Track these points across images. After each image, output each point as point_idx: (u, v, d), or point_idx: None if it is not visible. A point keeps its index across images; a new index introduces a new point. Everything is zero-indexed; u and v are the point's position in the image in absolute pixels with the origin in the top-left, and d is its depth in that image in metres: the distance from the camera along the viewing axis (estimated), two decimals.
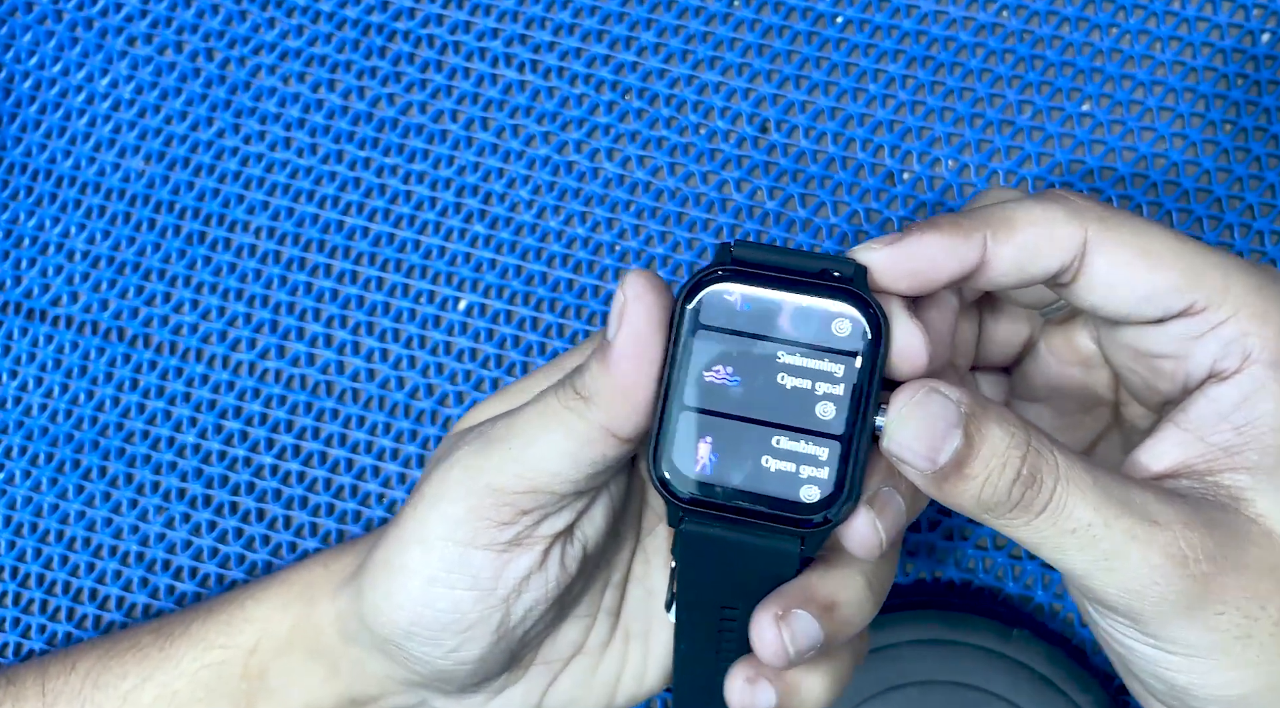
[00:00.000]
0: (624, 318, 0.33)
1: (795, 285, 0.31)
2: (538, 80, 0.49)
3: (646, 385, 0.33)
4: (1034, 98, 0.48)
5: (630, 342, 0.33)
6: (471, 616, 0.36)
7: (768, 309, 0.31)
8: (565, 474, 0.34)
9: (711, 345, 0.32)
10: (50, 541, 0.48)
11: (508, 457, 0.35)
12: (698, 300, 0.31)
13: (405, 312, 0.49)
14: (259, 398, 0.48)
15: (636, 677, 0.40)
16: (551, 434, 0.34)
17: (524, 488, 0.35)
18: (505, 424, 0.35)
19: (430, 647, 0.37)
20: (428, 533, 0.36)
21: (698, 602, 0.35)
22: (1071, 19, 0.48)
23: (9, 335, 0.49)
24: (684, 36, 0.49)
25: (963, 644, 0.43)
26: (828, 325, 0.31)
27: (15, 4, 0.51)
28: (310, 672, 0.40)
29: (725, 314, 0.32)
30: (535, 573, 0.36)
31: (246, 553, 0.48)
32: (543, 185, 0.49)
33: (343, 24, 0.50)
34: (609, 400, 0.33)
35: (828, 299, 0.31)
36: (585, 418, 0.34)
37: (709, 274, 0.32)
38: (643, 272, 0.33)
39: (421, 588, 0.36)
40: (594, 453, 0.34)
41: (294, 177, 0.49)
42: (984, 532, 0.46)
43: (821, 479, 0.32)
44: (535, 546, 0.36)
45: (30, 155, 0.50)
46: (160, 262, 0.49)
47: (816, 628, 0.34)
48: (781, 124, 0.48)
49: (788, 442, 0.32)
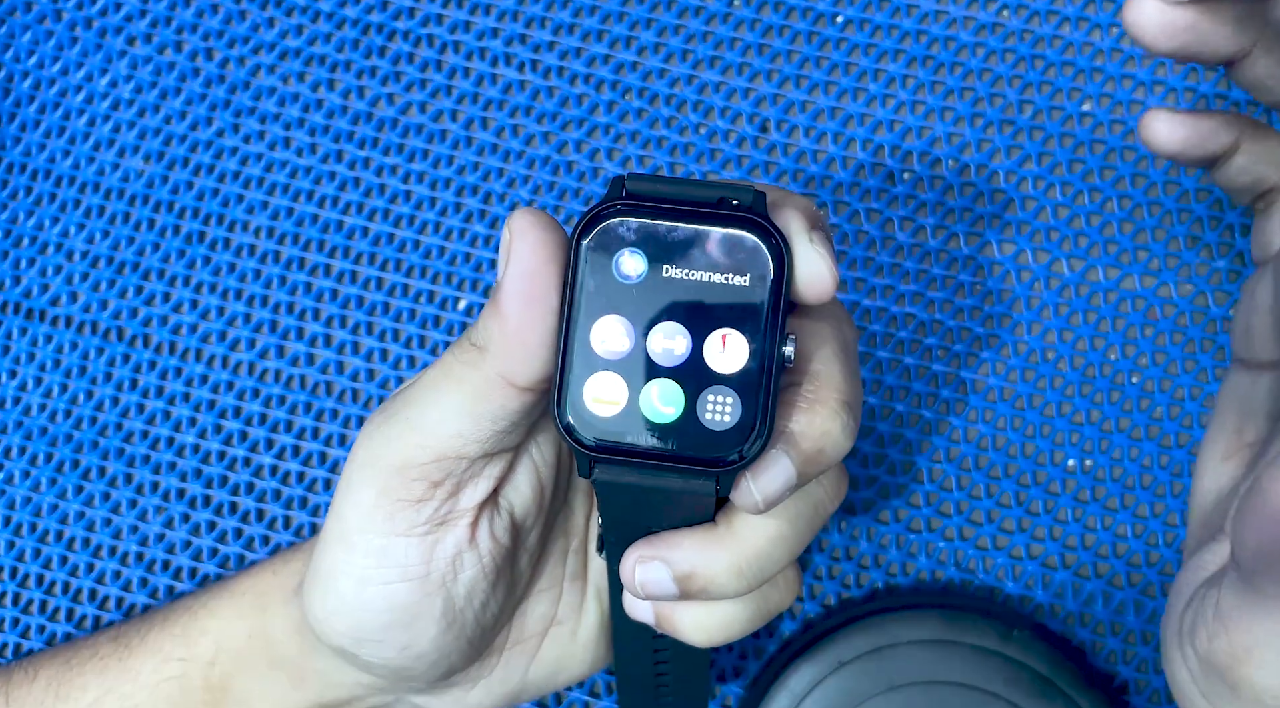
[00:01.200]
0: (511, 256, 0.31)
1: (693, 216, 0.30)
2: (538, 80, 0.49)
3: (539, 327, 0.31)
4: (1034, 97, 0.48)
5: (518, 280, 0.31)
6: (412, 608, 0.35)
7: (666, 242, 0.30)
8: (467, 433, 0.33)
9: (610, 282, 0.30)
10: (49, 541, 0.48)
11: (406, 427, 0.33)
12: (593, 236, 0.30)
13: (405, 312, 0.49)
14: (258, 398, 0.48)
15: None
16: (447, 394, 0.32)
17: (428, 458, 0.33)
18: (404, 395, 0.34)
19: (381, 648, 0.36)
20: (346, 529, 0.34)
21: (623, 542, 0.34)
22: (1072, 19, 0.48)
23: (8, 335, 0.49)
24: (684, 36, 0.49)
25: (963, 644, 0.43)
26: (729, 255, 0.30)
27: (14, 4, 0.51)
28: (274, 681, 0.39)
29: (623, 249, 0.30)
30: (466, 551, 0.35)
31: (246, 553, 0.48)
32: (543, 185, 0.49)
33: (342, 24, 0.50)
34: (502, 346, 0.31)
35: (727, 228, 0.30)
36: (480, 369, 0.32)
37: (604, 208, 0.30)
38: (528, 209, 0.31)
39: (353, 590, 0.35)
40: (492, 406, 0.32)
41: (293, 176, 0.49)
42: (984, 531, 0.46)
43: (731, 413, 0.31)
44: (459, 520, 0.34)
45: (29, 155, 0.50)
46: (159, 261, 0.49)
47: (670, 585, 0.34)
48: (781, 124, 0.48)
49: None
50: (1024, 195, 0.47)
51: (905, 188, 0.48)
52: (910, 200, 0.48)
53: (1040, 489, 0.46)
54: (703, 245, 0.30)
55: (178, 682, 0.40)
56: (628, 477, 0.31)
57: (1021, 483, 0.46)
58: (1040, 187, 0.47)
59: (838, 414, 0.33)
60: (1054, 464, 0.46)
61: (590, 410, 0.31)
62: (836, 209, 0.48)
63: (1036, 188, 0.47)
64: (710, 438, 0.31)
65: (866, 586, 0.46)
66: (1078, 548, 0.46)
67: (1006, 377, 0.47)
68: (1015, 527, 0.46)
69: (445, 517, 0.34)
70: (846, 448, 0.33)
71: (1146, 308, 0.46)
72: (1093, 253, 0.47)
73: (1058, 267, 0.47)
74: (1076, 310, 0.46)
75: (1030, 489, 0.46)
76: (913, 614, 0.44)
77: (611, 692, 0.47)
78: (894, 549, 0.46)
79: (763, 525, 0.34)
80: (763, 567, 0.35)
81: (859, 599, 0.46)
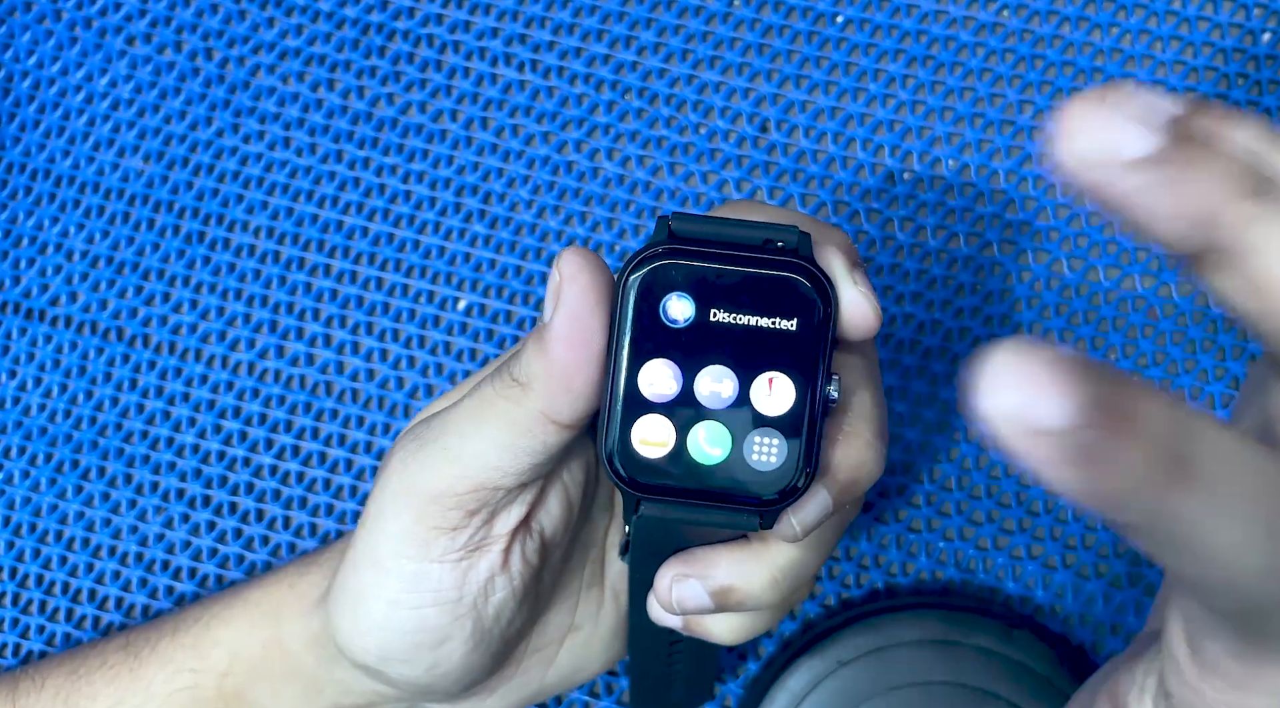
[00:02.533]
0: (560, 299, 0.31)
1: (739, 260, 0.30)
2: (538, 80, 0.49)
3: (586, 368, 0.31)
4: (1034, 98, 0.48)
5: (567, 323, 0.31)
6: (442, 630, 0.35)
7: (713, 285, 0.30)
8: (506, 467, 0.33)
9: (657, 325, 0.31)
10: (49, 541, 0.48)
11: (444, 458, 0.33)
12: (639, 280, 0.30)
13: (405, 312, 0.49)
14: (258, 398, 0.48)
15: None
16: (488, 427, 0.33)
17: (465, 488, 0.33)
18: (439, 423, 0.34)
19: (407, 667, 0.36)
20: (379, 554, 0.35)
21: (650, 559, 0.35)
22: (1072, 19, 0.48)
23: (8, 335, 0.49)
24: (684, 36, 0.49)
25: (963, 644, 0.43)
26: (775, 299, 0.30)
27: (14, 4, 0.51)
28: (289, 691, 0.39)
29: (669, 293, 0.31)
30: (499, 575, 0.35)
31: (246, 553, 0.48)
32: (543, 185, 0.49)
33: (342, 23, 0.50)
34: (547, 385, 0.31)
35: (774, 272, 0.30)
36: (523, 405, 0.32)
37: (650, 252, 0.31)
38: (578, 249, 0.31)
39: (384, 613, 0.35)
40: (534, 442, 0.32)
41: (293, 176, 0.49)
42: (984, 532, 0.46)
43: (777, 454, 0.31)
44: (493, 546, 0.35)
45: (29, 155, 0.50)
46: (159, 261, 0.49)
47: (706, 600, 0.34)
48: (781, 124, 0.48)
49: None
50: (1024, 195, 0.47)
51: (905, 188, 0.48)
52: (910, 200, 0.48)
53: (1040, 489, 0.46)
54: (749, 289, 0.30)
55: (190, 692, 0.40)
56: (672, 513, 0.32)
57: (1022, 483, 0.46)
58: (1040, 187, 0.47)
59: (872, 445, 0.33)
60: None
61: (637, 451, 0.31)
62: (836, 209, 0.48)
63: (1036, 188, 0.47)
64: (756, 478, 0.31)
65: (866, 586, 0.46)
66: (1078, 548, 0.46)
67: None
68: (1015, 527, 0.46)
69: (479, 544, 0.34)
70: (878, 476, 0.34)
71: (1146, 308, 0.46)
72: (1093, 253, 0.47)
73: (1058, 267, 0.47)
74: (1077, 311, 0.46)
75: (1030, 489, 0.46)
76: (913, 614, 0.44)
77: (611, 692, 0.47)
78: (894, 549, 0.46)
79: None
80: (797, 576, 0.35)
81: (859, 599, 0.46)
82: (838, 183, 0.48)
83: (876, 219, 0.48)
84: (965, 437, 0.46)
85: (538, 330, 0.32)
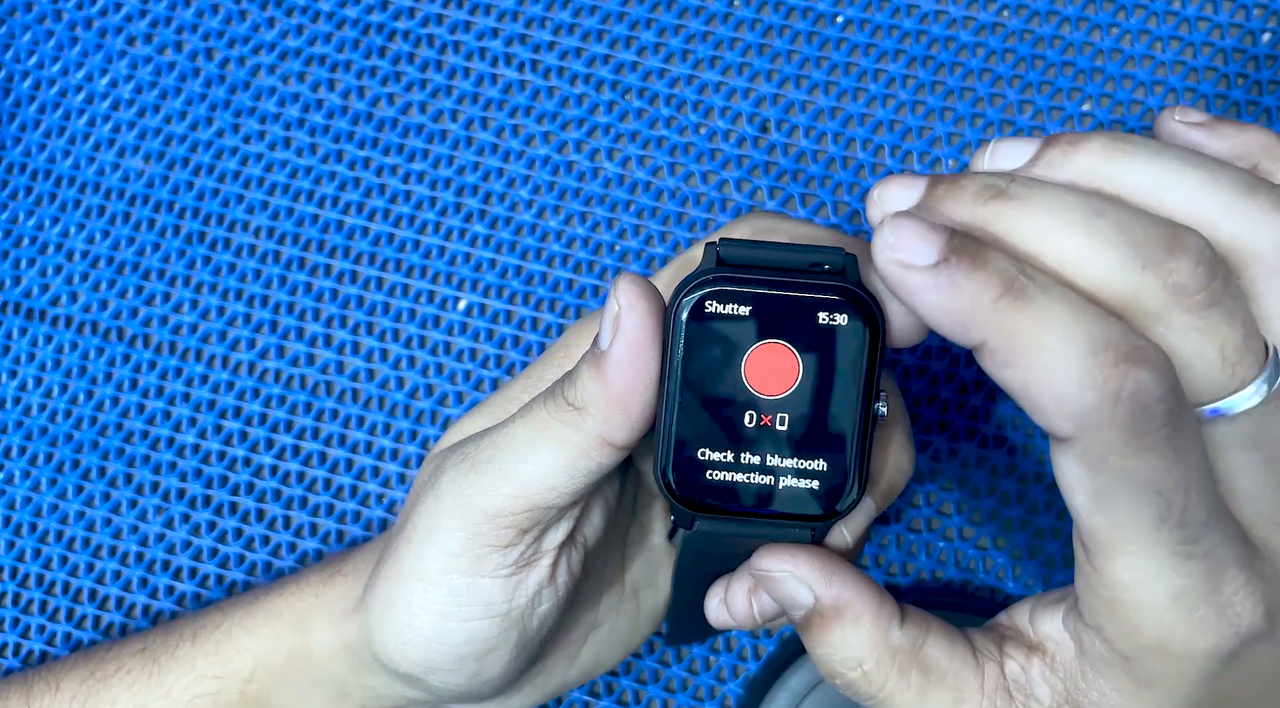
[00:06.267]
0: (619, 328, 0.32)
1: (788, 285, 0.31)
2: (538, 80, 0.49)
3: (643, 394, 0.32)
4: (1034, 98, 0.48)
5: (626, 350, 0.32)
6: (490, 642, 0.36)
7: (762, 310, 0.31)
8: (561, 487, 0.34)
9: (708, 351, 0.31)
10: (49, 541, 0.48)
11: (500, 478, 0.34)
12: (691, 307, 0.31)
13: (405, 312, 0.49)
14: (258, 398, 0.48)
15: (651, 616, 0.41)
16: (544, 448, 0.34)
17: (521, 508, 0.34)
18: (491, 443, 0.35)
19: (452, 676, 0.37)
20: (428, 569, 0.35)
21: (702, 560, 0.36)
22: (1072, 19, 0.48)
23: (8, 335, 0.49)
24: (684, 36, 0.49)
25: None
26: (825, 322, 0.31)
27: (15, 4, 0.51)
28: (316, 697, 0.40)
29: (719, 317, 0.31)
30: (546, 587, 0.36)
31: (246, 553, 0.48)
32: (543, 185, 0.49)
33: (342, 24, 0.50)
34: (605, 410, 0.32)
35: (820, 295, 0.31)
36: (580, 429, 0.33)
37: (701, 279, 0.31)
38: (635, 277, 0.32)
39: (433, 626, 0.36)
40: (590, 464, 0.33)
41: (293, 176, 0.49)
42: (984, 532, 0.46)
43: (830, 472, 0.32)
44: (542, 560, 0.35)
45: (29, 155, 0.50)
46: (160, 261, 0.49)
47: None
48: (781, 124, 0.48)
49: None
50: None
51: None
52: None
53: (1040, 489, 0.46)
54: (799, 313, 0.31)
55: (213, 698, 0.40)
56: (726, 530, 0.33)
57: (1021, 483, 0.46)
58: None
59: (905, 447, 0.35)
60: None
61: (692, 471, 0.32)
62: (837, 209, 0.48)
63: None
64: (809, 495, 0.32)
65: None
66: None
67: None
68: (1015, 527, 0.46)
69: (530, 559, 0.35)
70: (912, 472, 0.36)
71: None
72: None
73: None
74: None
75: (1030, 489, 0.46)
76: None
77: (612, 692, 0.47)
78: (894, 549, 0.46)
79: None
80: (858, 548, 0.37)
81: None
82: (838, 183, 0.48)
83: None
84: (965, 437, 0.46)
85: (595, 358, 0.32)
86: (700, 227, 0.48)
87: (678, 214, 0.48)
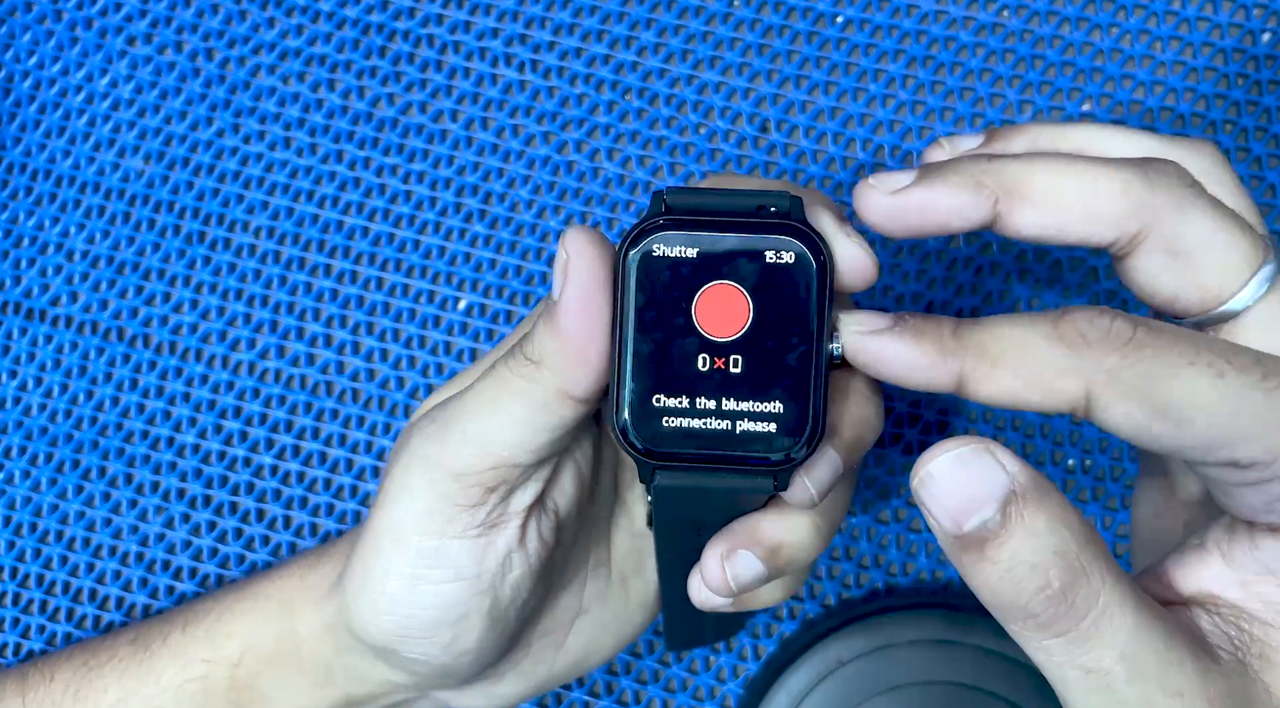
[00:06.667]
0: (568, 275, 0.32)
1: (734, 226, 0.31)
2: (538, 80, 0.49)
3: (598, 342, 0.32)
4: (1034, 98, 0.48)
5: (576, 299, 0.32)
6: (461, 607, 0.36)
7: (710, 253, 0.31)
8: (525, 443, 0.34)
9: (658, 295, 0.31)
10: (49, 541, 0.48)
11: (463, 438, 0.34)
12: (639, 250, 0.31)
13: (405, 312, 0.49)
14: (259, 398, 0.48)
15: (642, 605, 0.41)
16: (505, 405, 0.34)
17: (485, 466, 0.34)
18: (456, 404, 0.35)
19: (426, 645, 0.36)
20: (400, 533, 0.35)
21: (674, 529, 0.36)
22: (1071, 19, 0.48)
23: (8, 335, 0.49)
24: (684, 36, 0.49)
25: (963, 644, 0.43)
26: (773, 262, 0.31)
27: (15, 4, 0.51)
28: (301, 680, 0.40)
29: (668, 262, 0.31)
30: (515, 551, 0.36)
31: (246, 553, 0.48)
32: (543, 185, 0.49)
33: (342, 24, 0.50)
34: (561, 361, 0.32)
35: (766, 235, 0.31)
36: (538, 382, 0.33)
37: (648, 224, 0.31)
38: (582, 227, 0.32)
39: (405, 590, 0.36)
40: (551, 418, 0.33)
41: (294, 176, 0.49)
42: None
43: (784, 413, 0.32)
44: (510, 523, 0.35)
45: (29, 155, 0.50)
46: (160, 261, 0.49)
47: (760, 566, 0.35)
48: (781, 124, 0.48)
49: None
50: None
51: None
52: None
53: None
54: (747, 254, 0.31)
55: (201, 683, 0.40)
56: (687, 480, 0.32)
57: None
58: None
59: (871, 400, 0.35)
60: (1054, 464, 0.46)
61: (647, 421, 0.32)
62: None
63: None
64: (766, 440, 0.32)
65: (866, 586, 0.46)
66: None
67: None
68: None
69: (497, 520, 0.35)
70: (880, 430, 0.35)
71: (1145, 309, 0.46)
72: (1093, 253, 0.47)
73: (1058, 268, 0.47)
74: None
75: None
76: (913, 614, 0.44)
77: (612, 692, 0.47)
78: (894, 549, 0.46)
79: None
80: (833, 518, 0.36)
81: (859, 599, 0.46)
82: (838, 183, 0.48)
83: None
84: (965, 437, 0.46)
85: (548, 309, 0.32)
86: None
87: None
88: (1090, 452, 0.46)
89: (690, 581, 0.36)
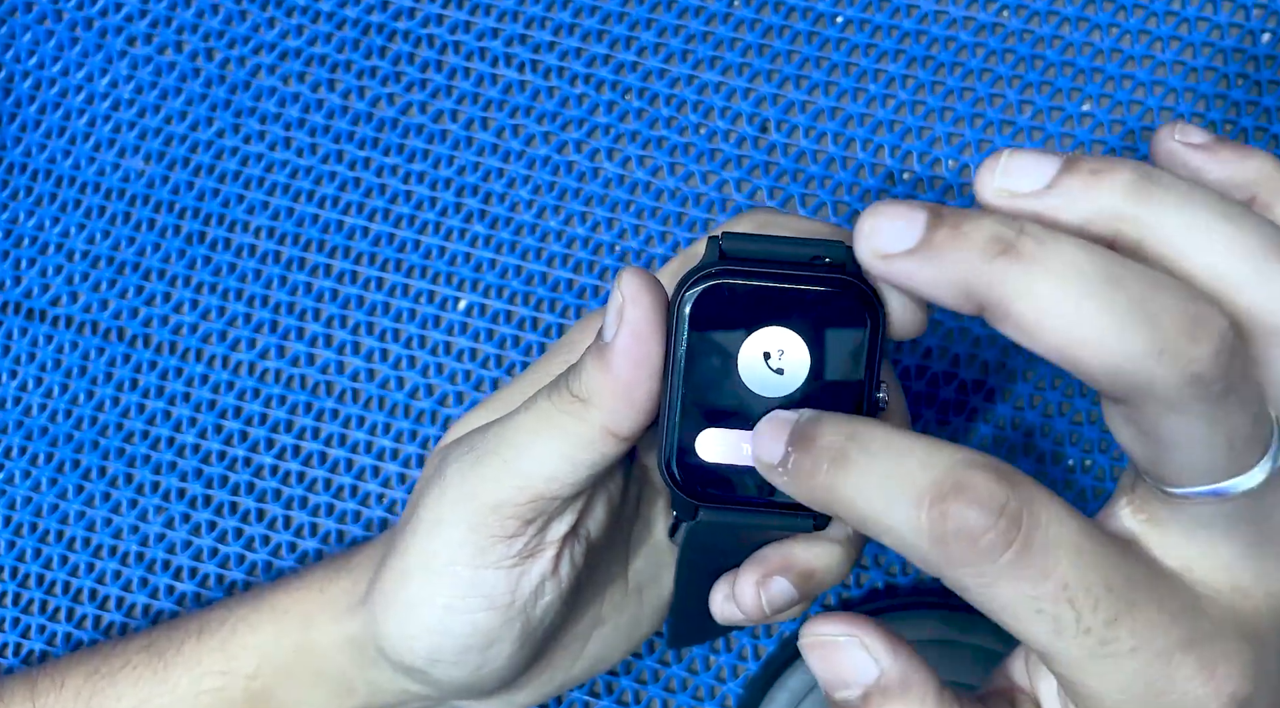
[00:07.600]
0: (623, 318, 0.32)
1: (789, 277, 0.32)
2: (538, 80, 0.49)
3: (646, 384, 0.32)
4: (1034, 98, 0.48)
5: (630, 341, 0.32)
6: (493, 633, 0.36)
7: (764, 302, 0.32)
8: (565, 478, 0.34)
9: (711, 342, 0.32)
10: (50, 541, 0.48)
11: (504, 469, 0.34)
12: (694, 298, 0.32)
13: (405, 312, 0.49)
14: (259, 398, 0.48)
15: (654, 611, 0.41)
16: (547, 439, 0.34)
17: (525, 499, 0.34)
18: (496, 434, 0.35)
19: (455, 669, 0.37)
20: (433, 561, 0.36)
21: (703, 554, 0.36)
22: (1071, 19, 0.48)
23: (9, 335, 0.49)
24: (684, 36, 0.49)
25: (963, 644, 0.43)
26: (826, 314, 0.32)
27: (15, 4, 0.51)
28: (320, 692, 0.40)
29: (721, 309, 0.32)
30: (549, 579, 0.36)
31: (246, 553, 0.48)
32: (543, 185, 0.49)
33: (343, 24, 0.50)
34: (609, 401, 0.33)
35: (821, 287, 0.32)
36: (584, 420, 0.33)
37: (704, 272, 0.32)
38: (638, 270, 0.33)
39: (437, 617, 0.36)
40: (594, 455, 0.34)
41: (294, 176, 0.49)
42: None
43: None
44: (545, 552, 0.36)
45: (30, 155, 0.50)
46: (160, 261, 0.49)
47: (793, 592, 0.36)
48: (781, 124, 0.48)
49: None
50: None
51: (905, 188, 0.48)
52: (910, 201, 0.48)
53: None
54: (800, 305, 0.32)
55: (217, 693, 0.40)
56: (728, 519, 0.33)
57: None
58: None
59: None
60: (1054, 464, 0.46)
61: (694, 461, 0.32)
62: (837, 209, 0.48)
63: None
64: None
65: (866, 585, 0.46)
66: None
67: (1006, 378, 0.47)
68: None
69: (533, 550, 0.36)
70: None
71: None
72: None
73: None
74: None
75: None
76: (913, 614, 0.44)
77: (612, 692, 0.47)
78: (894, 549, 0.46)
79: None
80: (862, 538, 0.36)
81: (859, 599, 0.46)
82: (838, 183, 0.48)
83: None
84: (965, 437, 0.46)
85: (599, 349, 0.33)
86: (700, 226, 0.48)
87: (678, 214, 0.48)
88: (1090, 452, 0.46)
89: (714, 595, 0.37)
